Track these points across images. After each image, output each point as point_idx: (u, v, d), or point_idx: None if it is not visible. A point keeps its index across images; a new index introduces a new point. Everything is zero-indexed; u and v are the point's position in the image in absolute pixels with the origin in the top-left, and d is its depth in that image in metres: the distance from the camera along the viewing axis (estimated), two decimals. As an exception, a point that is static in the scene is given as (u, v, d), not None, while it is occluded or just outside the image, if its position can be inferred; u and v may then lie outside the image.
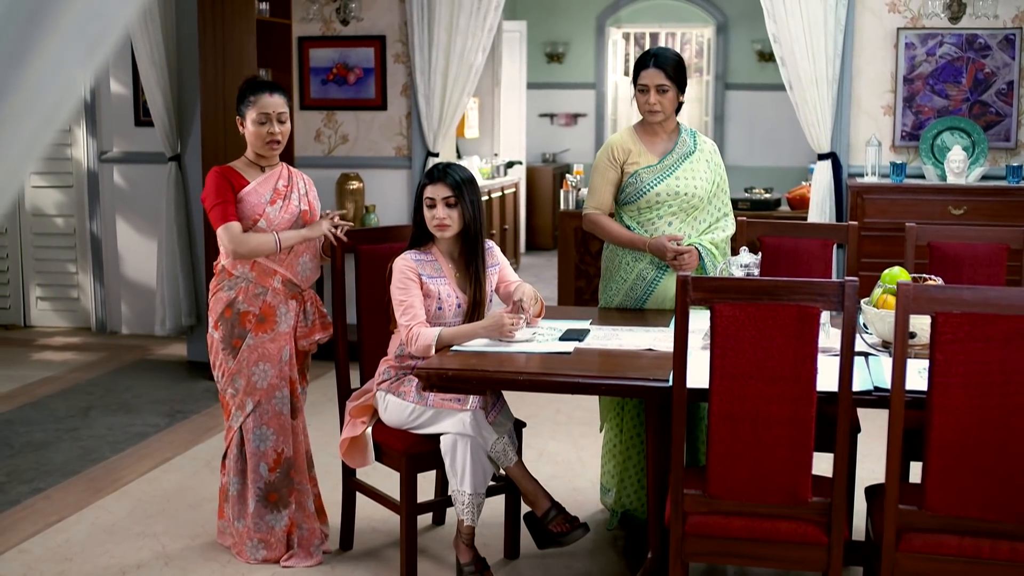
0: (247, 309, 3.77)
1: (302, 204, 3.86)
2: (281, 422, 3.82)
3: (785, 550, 2.90)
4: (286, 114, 3.81)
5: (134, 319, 7.57)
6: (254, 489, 3.81)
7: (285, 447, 3.83)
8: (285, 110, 3.81)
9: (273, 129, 3.76)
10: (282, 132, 3.80)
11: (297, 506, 3.86)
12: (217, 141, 6.13)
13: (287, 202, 3.80)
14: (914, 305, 2.71)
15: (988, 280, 4.03)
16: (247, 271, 3.78)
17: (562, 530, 3.51)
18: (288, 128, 3.83)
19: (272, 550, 3.84)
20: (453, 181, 3.64)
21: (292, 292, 3.84)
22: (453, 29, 6.60)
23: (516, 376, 3.19)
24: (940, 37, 6.16)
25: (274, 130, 3.77)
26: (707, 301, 2.81)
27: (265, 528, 3.83)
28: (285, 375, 3.82)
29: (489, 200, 9.85)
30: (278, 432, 3.82)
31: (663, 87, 3.92)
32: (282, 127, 3.80)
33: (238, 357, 3.77)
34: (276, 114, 3.77)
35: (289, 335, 3.83)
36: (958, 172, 5.89)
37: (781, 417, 2.81)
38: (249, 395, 3.78)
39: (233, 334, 3.77)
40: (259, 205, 3.75)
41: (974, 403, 2.70)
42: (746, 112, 12.12)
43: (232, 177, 3.78)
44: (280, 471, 3.83)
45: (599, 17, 12.59)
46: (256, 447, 3.80)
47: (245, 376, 3.77)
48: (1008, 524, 2.74)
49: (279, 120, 3.79)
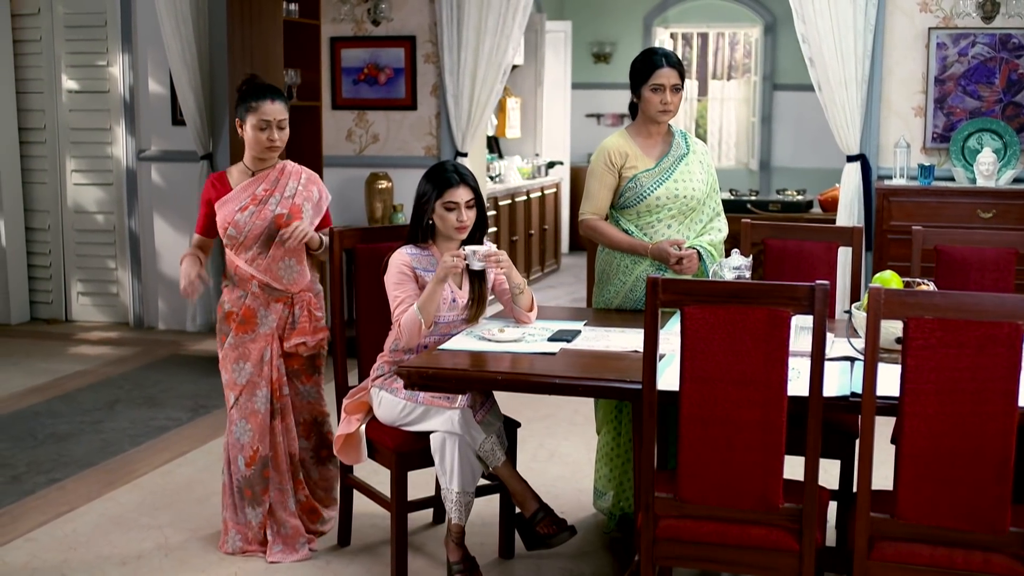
0: (231, 309, 3.90)
1: (280, 207, 3.85)
2: (259, 420, 3.87)
3: (756, 556, 2.86)
4: (286, 120, 3.86)
5: (170, 315, 7.70)
6: (234, 481, 3.90)
7: (261, 445, 3.88)
8: (285, 116, 3.86)
9: (273, 136, 3.82)
10: (281, 139, 3.85)
11: (276, 504, 3.91)
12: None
13: (262, 208, 3.83)
14: (886, 310, 2.66)
15: (996, 285, 3.95)
16: (232, 274, 3.89)
17: (549, 532, 3.51)
18: (287, 134, 3.87)
19: (248, 543, 3.91)
20: (474, 184, 3.69)
21: (274, 295, 3.89)
22: (482, 29, 6.62)
23: (495, 376, 3.20)
24: (973, 37, 6.04)
25: (274, 137, 3.82)
26: (677, 303, 2.79)
27: (243, 520, 3.90)
28: (265, 375, 3.87)
29: (528, 200, 9.86)
30: (255, 429, 3.88)
31: (677, 87, 3.91)
32: (281, 134, 3.85)
33: (222, 353, 3.86)
34: (276, 121, 3.83)
35: (271, 336, 3.88)
36: (988, 175, 5.78)
37: (751, 421, 2.78)
38: (231, 389, 3.88)
39: (220, 330, 3.89)
40: (231, 213, 3.83)
41: (946, 410, 2.65)
42: (794, 113, 11.98)
43: (219, 184, 3.88)
44: (255, 468, 3.88)
45: (646, 17, 12.53)
46: (236, 439, 3.90)
47: (228, 372, 3.87)
48: (981, 534, 2.68)
49: (279, 127, 3.84)
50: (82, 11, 7.71)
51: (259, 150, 3.84)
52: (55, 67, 7.82)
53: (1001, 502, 2.66)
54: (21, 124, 7.92)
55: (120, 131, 7.71)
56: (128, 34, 7.56)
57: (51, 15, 7.76)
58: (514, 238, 9.44)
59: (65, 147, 7.90)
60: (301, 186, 3.93)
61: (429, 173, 3.73)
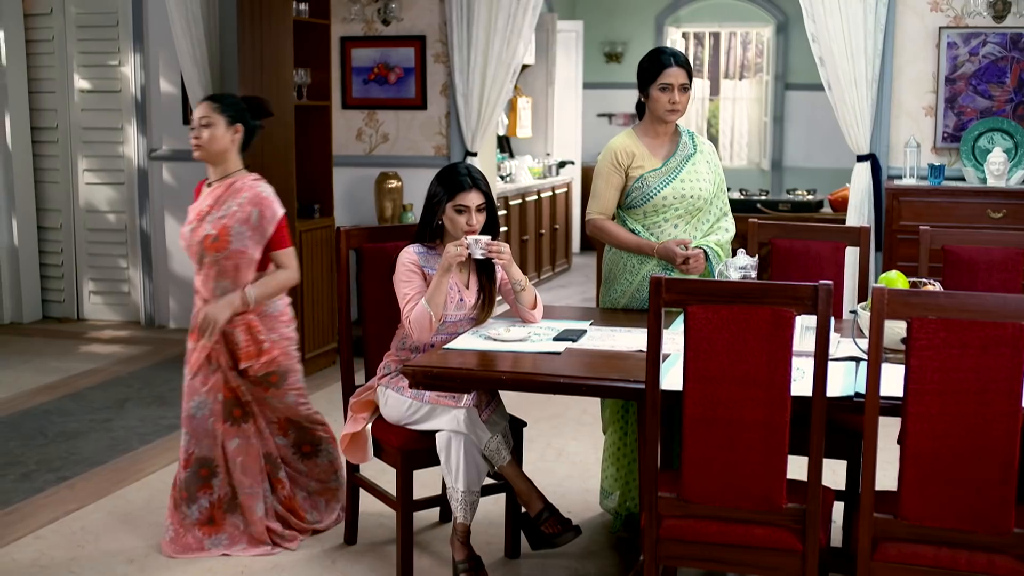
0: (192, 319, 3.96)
1: (210, 228, 3.84)
2: (193, 425, 3.93)
3: (760, 556, 2.86)
4: (208, 118, 3.84)
5: (181, 314, 7.72)
6: (176, 480, 3.98)
7: (196, 448, 3.92)
8: (207, 115, 3.85)
9: (197, 134, 3.86)
10: (202, 137, 3.85)
11: (245, 506, 3.93)
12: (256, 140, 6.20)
13: (201, 224, 3.86)
14: (889, 310, 2.66)
15: (1004, 285, 3.93)
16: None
17: (554, 531, 3.51)
18: (210, 134, 3.84)
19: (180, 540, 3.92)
20: (486, 188, 3.70)
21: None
22: (491, 29, 6.63)
23: (500, 375, 3.20)
24: (984, 36, 6.02)
25: (198, 135, 3.86)
26: (681, 303, 2.79)
27: (179, 519, 3.94)
28: (208, 383, 3.90)
29: (539, 199, 9.86)
30: (190, 433, 3.93)
31: (685, 86, 3.91)
32: (204, 131, 3.85)
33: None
34: (199, 119, 3.86)
35: (210, 348, 3.88)
36: (998, 175, 5.75)
37: (755, 421, 2.78)
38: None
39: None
40: (184, 225, 3.94)
41: (950, 411, 2.64)
42: (806, 112, 11.95)
43: (196, 193, 4.01)
44: (190, 470, 3.92)
45: (658, 17, 12.52)
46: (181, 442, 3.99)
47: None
48: (985, 535, 2.68)
49: (201, 124, 3.85)
50: (94, 11, 7.74)
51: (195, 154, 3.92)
52: (67, 67, 7.85)
53: (1005, 503, 2.65)
54: (33, 123, 7.96)
55: (132, 130, 7.74)
56: (140, 34, 7.59)
57: (63, 15, 7.80)
58: (524, 238, 9.44)
59: (77, 146, 7.94)
60: (237, 206, 3.84)
61: (441, 174, 3.73)
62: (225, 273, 3.84)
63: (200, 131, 3.85)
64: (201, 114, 3.86)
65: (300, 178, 6.40)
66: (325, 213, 6.65)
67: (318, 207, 6.60)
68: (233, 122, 3.88)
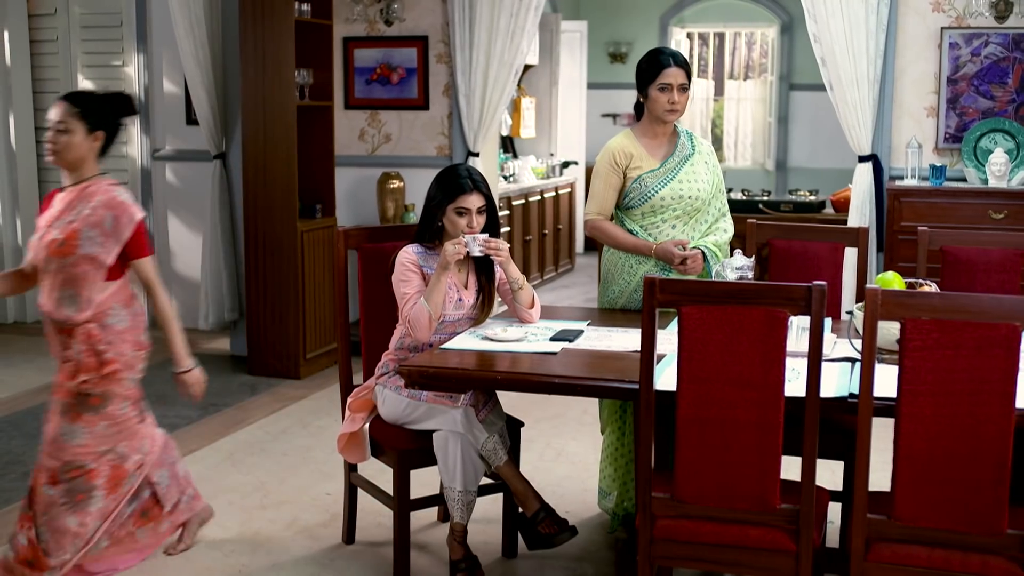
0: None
1: (57, 233, 3.57)
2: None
3: (754, 556, 2.86)
4: (65, 123, 3.57)
5: (184, 313, 7.72)
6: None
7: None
8: (65, 120, 3.58)
9: (51, 138, 3.60)
10: (58, 143, 3.59)
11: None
12: (258, 140, 6.25)
13: (49, 230, 3.61)
14: (883, 311, 2.66)
15: (1002, 287, 3.93)
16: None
17: (550, 531, 3.51)
18: (67, 141, 3.58)
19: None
20: (487, 191, 3.70)
21: (53, 325, 3.65)
22: (494, 29, 6.63)
23: (495, 375, 3.21)
24: (986, 37, 6.01)
25: (52, 139, 3.60)
26: (675, 303, 2.79)
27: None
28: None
29: (542, 200, 9.87)
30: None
31: (684, 86, 3.91)
32: (59, 137, 3.58)
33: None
34: (55, 123, 3.59)
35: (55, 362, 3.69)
36: (999, 175, 5.74)
37: (748, 422, 2.78)
38: None
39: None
40: (35, 235, 3.68)
41: (943, 412, 2.64)
42: (810, 113, 11.95)
43: (45, 202, 3.75)
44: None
45: (663, 17, 12.51)
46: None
47: None
48: (979, 536, 2.68)
49: (58, 129, 3.58)
50: (98, 11, 7.76)
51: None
52: (71, 67, 7.87)
53: (999, 504, 2.65)
54: (37, 123, 7.97)
55: (135, 130, 7.75)
56: (143, 34, 7.61)
57: (67, 15, 7.82)
58: (528, 238, 9.44)
59: (81, 146, 7.95)
60: (90, 209, 3.57)
61: (442, 176, 3.74)
62: (72, 282, 3.56)
63: (56, 136, 3.57)
64: (58, 118, 3.57)
65: (302, 178, 6.42)
66: (327, 213, 6.66)
67: (320, 207, 6.62)
68: (93, 129, 3.61)
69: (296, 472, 4.81)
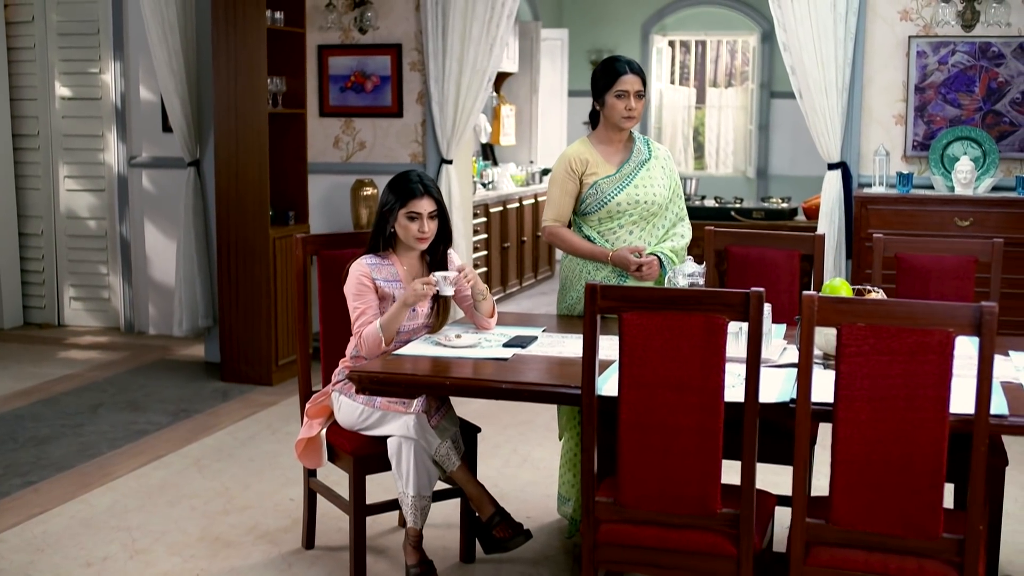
0: None
1: None
2: None
3: (695, 560, 2.89)
4: None
5: (160, 320, 7.76)
6: None
7: None
8: None
9: None
10: None
11: None
12: (230, 147, 6.27)
13: None
14: (819, 317, 2.69)
15: (956, 293, 3.97)
16: None
17: (505, 535, 3.54)
18: None
19: None
20: (438, 195, 3.72)
21: None
22: (466, 38, 6.66)
23: (443, 381, 3.23)
24: (953, 45, 6.05)
25: None
26: (616, 309, 2.82)
27: None
28: None
29: (520, 207, 9.90)
30: None
31: (640, 93, 3.95)
32: None
33: None
34: None
35: None
36: (965, 183, 5.79)
37: (689, 427, 2.81)
38: None
39: None
40: None
41: (879, 416, 2.67)
42: (791, 121, 11.97)
43: None
44: None
45: (644, 25, 12.56)
46: None
47: None
48: (915, 540, 2.70)
49: None
50: (75, 19, 7.78)
51: None
52: (48, 74, 7.89)
53: (934, 508, 2.68)
54: (15, 131, 8.00)
55: (112, 138, 7.78)
56: (120, 42, 7.64)
57: (44, 23, 7.84)
58: (506, 244, 9.47)
59: (58, 153, 7.98)
60: None
61: (393, 182, 3.77)
62: None
63: None
64: None
65: (275, 185, 6.44)
66: (300, 220, 6.68)
67: (293, 214, 6.64)
68: None
69: (261, 477, 4.83)
